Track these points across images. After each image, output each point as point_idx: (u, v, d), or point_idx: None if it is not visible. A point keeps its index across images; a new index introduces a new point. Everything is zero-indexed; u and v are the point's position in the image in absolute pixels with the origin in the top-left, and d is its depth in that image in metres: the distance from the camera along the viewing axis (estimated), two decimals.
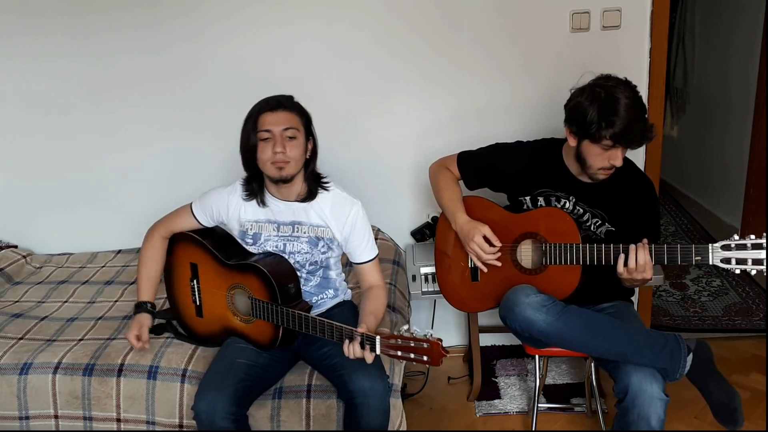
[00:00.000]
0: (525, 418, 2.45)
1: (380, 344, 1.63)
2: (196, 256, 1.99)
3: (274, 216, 1.92)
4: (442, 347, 1.55)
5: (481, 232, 2.01)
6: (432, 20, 2.53)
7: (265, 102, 1.84)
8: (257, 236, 1.93)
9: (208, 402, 1.72)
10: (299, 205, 1.91)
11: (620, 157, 1.85)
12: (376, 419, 1.73)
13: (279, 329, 1.83)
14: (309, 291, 1.97)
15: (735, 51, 3.76)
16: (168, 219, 2.04)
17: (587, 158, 1.88)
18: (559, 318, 1.86)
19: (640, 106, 1.82)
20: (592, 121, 1.80)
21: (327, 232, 1.92)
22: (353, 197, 1.94)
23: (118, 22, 2.59)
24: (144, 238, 2.04)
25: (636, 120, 1.79)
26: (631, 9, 2.47)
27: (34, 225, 2.87)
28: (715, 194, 4.07)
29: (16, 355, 2.01)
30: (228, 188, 1.96)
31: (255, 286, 1.85)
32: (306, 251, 1.92)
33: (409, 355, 1.59)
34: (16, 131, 2.76)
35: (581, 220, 1.99)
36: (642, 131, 1.81)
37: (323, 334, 1.74)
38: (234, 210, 1.94)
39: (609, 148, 1.83)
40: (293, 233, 1.92)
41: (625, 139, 1.80)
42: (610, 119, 1.78)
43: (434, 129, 2.62)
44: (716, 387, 1.83)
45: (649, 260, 1.78)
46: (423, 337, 1.57)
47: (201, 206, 1.98)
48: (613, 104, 1.78)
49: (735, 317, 3.06)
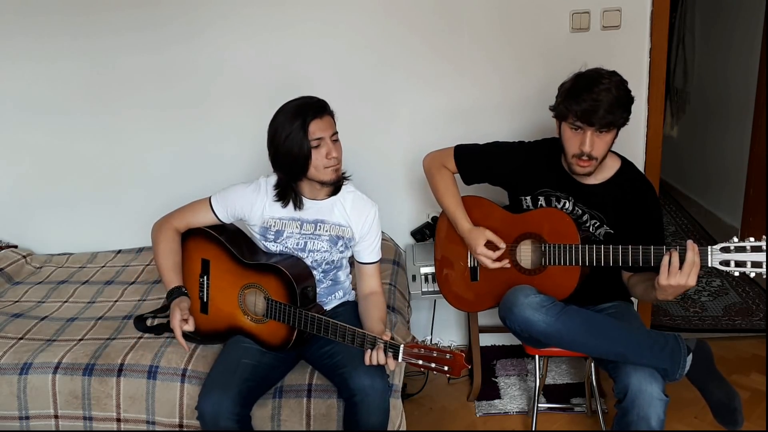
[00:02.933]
0: (525, 418, 2.45)
1: (403, 352, 1.65)
2: (210, 253, 1.97)
3: (299, 214, 1.92)
4: (465, 360, 1.59)
5: (483, 239, 2.02)
6: (432, 21, 2.54)
7: (309, 107, 1.81)
8: (280, 233, 1.93)
9: (213, 402, 1.71)
10: (324, 203, 1.92)
11: (590, 143, 1.82)
12: (376, 418, 1.73)
13: (294, 332, 1.82)
14: (320, 292, 1.97)
15: (735, 51, 3.76)
16: (184, 213, 2.00)
17: (564, 143, 1.89)
18: (558, 318, 1.86)
19: (620, 93, 1.80)
20: (563, 97, 1.83)
21: (347, 232, 1.93)
22: (372, 200, 1.98)
23: (118, 22, 2.59)
24: (155, 230, 2.00)
25: (606, 103, 1.77)
26: (631, 9, 2.47)
27: (34, 225, 2.88)
28: (715, 194, 4.07)
29: (16, 355, 2.01)
30: (251, 186, 1.94)
31: (273, 286, 1.85)
32: (325, 249, 1.93)
33: (431, 364, 1.62)
34: (15, 131, 2.77)
35: (580, 221, 1.99)
36: (609, 114, 1.77)
37: (343, 338, 1.74)
38: (258, 208, 1.92)
39: (577, 129, 1.83)
40: (315, 231, 1.93)
41: (588, 118, 1.79)
42: (580, 96, 1.79)
43: (434, 129, 2.62)
44: (716, 387, 1.82)
45: (698, 261, 1.69)
46: (447, 348, 1.60)
47: (222, 202, 1.95)
48: (590, 84, 1.80)
49: (735, 317, 3.06)
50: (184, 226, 2.00)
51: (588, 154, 1.84)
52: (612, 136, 1.86)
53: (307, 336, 1.84)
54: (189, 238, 2.01)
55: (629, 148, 2.31)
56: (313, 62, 2.59)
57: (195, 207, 1.99)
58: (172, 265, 1.97)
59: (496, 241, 2.01)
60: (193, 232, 2.00)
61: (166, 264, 1.97)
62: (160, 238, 1.99)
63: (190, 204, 2.01)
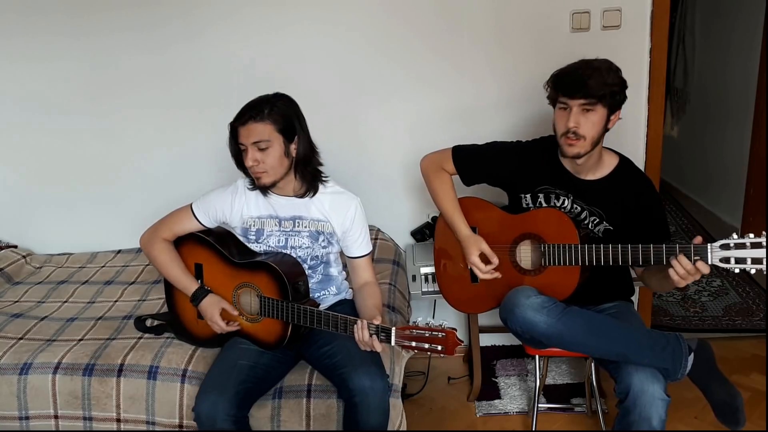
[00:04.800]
0: (525, 418, 2.45)
1: (395, 335, 1.65)
2: (202, 256, 1.98)
3: (276, 211, 1.93)
4: (457, 337, 1.59)
5: (478, 251, 2.01)
6: (431, 21, 2.53)
7: (240, 113, 1.84)
8: (260, 232, 1.94)
9: (209, 403, 1.72)
10: (299, 201, 1.93)
11: (575, 119, 1.82)
12: (376, 418, 1.73)
13: (288, 327, 1.82)
14: (311, 287, 1.97)
15: (735, 51, 3.76)
16: (168, 223, 2.00)
17: (555, 129, 1.91)
18: (560, 319, 1.85)
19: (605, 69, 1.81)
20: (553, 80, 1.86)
21: (327, 227, 1.94)
22: (353, 193, 1.98)
23: (118, 22, 2.59)
24: (146, 245, 2.00)
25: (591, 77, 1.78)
26: (631, 9, 2.47)
27: (34, 225, 2.88)
28: (715, 194, 4.07)
29: (16, 355, 2.00)
30: (229, 188, 1.97)
31: (264, 284, 1.85)
32: (307, 245, 1.94)
33: (424, 345, 1.61)
34: (15, 131, 2.77)
35: (579, 218, 1.98)
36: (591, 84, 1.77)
37: (336, 328, 1.75)
38: (237, 209, 1.94)
39: (565, 109, 1.84)
40: (294, 228, 1.93)
41: (563, 82, 1.82)
42: (567, 74, 1.82)
43: (434, 129, 2.62)
44: (718, 387, 1.82)
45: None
46: (438, 327, 1.60)
47: (202, 208, 1.97)
48: (576, 64, 1.83)
49: (735, 317, 3.06)
50: (171, 236, 2.00)
51: (574, 131, 1.83)
52: (599, 117, 1.83)
53: (303, 331, 1.84)
54: (180, 244, 2.01)
55: (629, 148, 2.31)
56: (313, 62, 2.59)
57: (178, 216, 2.00)
58: (181, 272, 1.98)
59: (489, 256, 2.01)
60: (183, 237, 2.00)
61: (174, 273, 1.98)
62: (154, 252, 1.99)
63: (172, 214, 2.01)
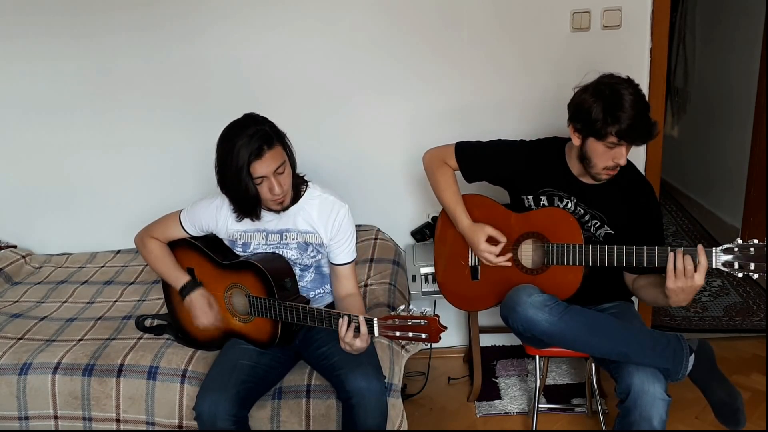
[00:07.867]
0: (525, 418, 2.44)
1: (378, 326, 1.64)
2: (193, 260, 1.98)
3: (263, 225, 1.92)
4: (440, 323, 1.57)
5: (484, 235, 2.01)
6: (431, 20, 2.53)
7: (251, 149, 1.71)
8: (246, 245, 1.94)
9: (210, 403, 1.72)
10: (287, 213, 1.89)
11: (624, 155, 1.84)
12: (373, 419, 1.73)
13: (278, 325, 1.83)
14: (306, 286, 1.97)
15: (736, 51, 3.75)
16: (159, 227, 2.01)
17: (592, 157, 1.86)
18: (561, 318, 1.85)
19: (644, 103, 1.80)
20: (597, 117, 1.78)
21: (315, 238, 1.92)
22: (341, 200, 1.93)
23: (117, 22, 2.59)
24: (139, 245, 2.03)
25: (641, 116, 1.78)
26: (631, 8, 2.46)
27: (33, 225, 2.87)
28: (716, 194, 4.06)
29: (15, 355, 2.00)
30: (216, 201, 1.93)
31: (251, 283, 1.85)
32: (296, 257, 1.93)
33: (408, 334, 1.60)
34: (15, 131, 2.76)
35: (582, 221, 1.98)
36: (647, 128, 1.80)
37: (321, 323, 1.75)
38: (222, 222, 1.93)
39: (614, 146, 1.81)
40: (282, 240, 1.92)
41: (631, 135, 1.79)
42: (615, 115, 1.76)
43: (434, 128, 2.61)
44: (719, 387, 1.82)
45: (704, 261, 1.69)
46: (419, 315, 1.58)
47: (189, 218, 1.97)
48: (618, 100, 1.77)
49: (736, 317, 3.06)
50: (163, 239, 2.02)
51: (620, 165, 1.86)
52: None
53: (295, 328, 1.84)
54: (171, 248, 2.02)
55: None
56: (313, 62, 2.58)
57: (168, 222, 2.00)
58: (171, 265, 1.98)
59: (497, 236, 2.00)
60: (176, 243, 2.01)
61: (165, 266, 1.98)
62: (147, 249, 2.01)
63: (163, 218, 2.02)
